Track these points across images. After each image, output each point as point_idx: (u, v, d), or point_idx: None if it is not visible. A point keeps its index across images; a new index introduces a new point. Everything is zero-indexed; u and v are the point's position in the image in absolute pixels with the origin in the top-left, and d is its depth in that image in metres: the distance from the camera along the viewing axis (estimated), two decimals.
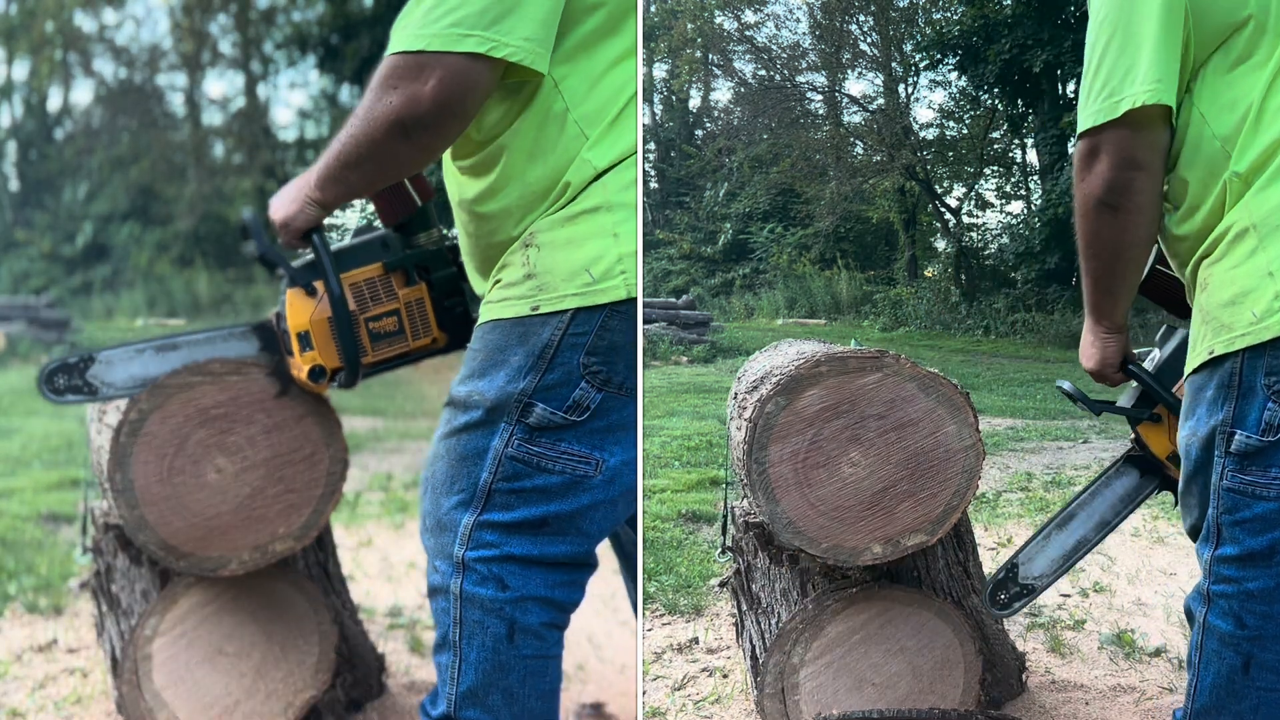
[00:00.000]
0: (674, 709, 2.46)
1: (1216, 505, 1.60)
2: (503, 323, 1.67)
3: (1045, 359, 7.42)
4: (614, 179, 1.64)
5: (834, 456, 1.95)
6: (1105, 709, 2.41)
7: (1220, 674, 1.64)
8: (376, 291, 1.94)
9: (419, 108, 1.55)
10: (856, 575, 2.15)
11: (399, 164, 1.67)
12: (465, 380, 1.71)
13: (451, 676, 1.72)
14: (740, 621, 2.47)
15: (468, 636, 1.70)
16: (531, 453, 1.66)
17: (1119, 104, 1.55)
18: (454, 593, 1.70)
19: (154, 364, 2.00)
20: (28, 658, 2.85)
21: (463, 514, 1.69)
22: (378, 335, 1.95)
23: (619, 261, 1.62)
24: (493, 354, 1.67)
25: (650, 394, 6.57)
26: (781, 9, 9.28)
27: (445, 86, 1.53)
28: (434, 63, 1.53)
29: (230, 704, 2.17)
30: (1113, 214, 1.61)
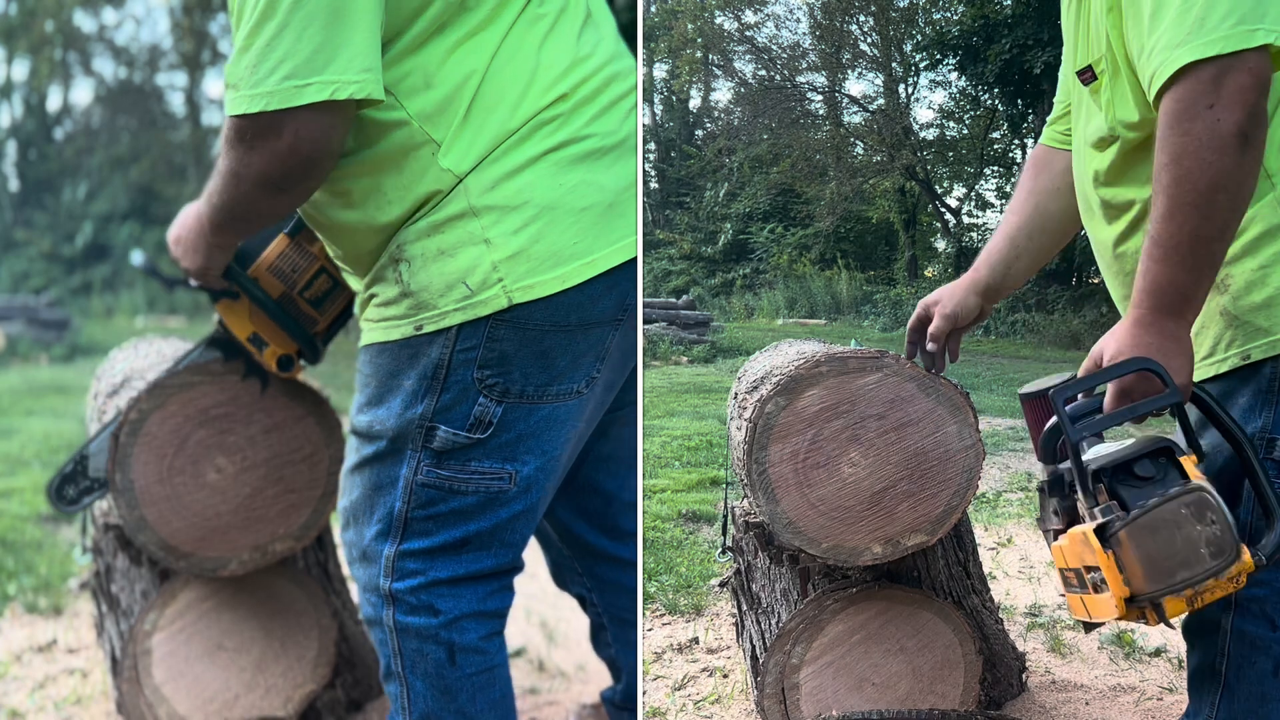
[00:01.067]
0: (674, 709, 2.46)
1: (1252, 512, 1.52)
2: (389, 345, 1.61)
3: (1045, 359, 7.41)
4: (475, 180, 1.54)
5: (834, 456, 1.95)
6: (1105, 709, 2.41)
7: (1252, 680, 1.58)
8: (294, 261, 1.90)
9: (285, 163, 1.48)
10: (856, 575, 2.15)
11: (278, 211, 1.62)
12: (364, 409, 1.66)
13: (403, 706, 1.71)
14: (740, 621, 2.48)
15: (410, 666, 1.69)
16: (441, 477, 1.62)
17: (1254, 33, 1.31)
18: (388, 625, 1.68)
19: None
20: (28, 658, 2.85)
21: (383, 544, 1.66)
22: (317, 300, 1.93)
23: (494, 269, 1.54)
24: (385, 380, 1.62)
25: (650, 394, 6.58)
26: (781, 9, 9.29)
27: (300, 138, 1.45)
28: (283, 120, 1.44)
29: (230, 698, 2.17)
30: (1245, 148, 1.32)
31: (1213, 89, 1.32)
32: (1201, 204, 1.34)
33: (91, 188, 13.67)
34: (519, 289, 1.54)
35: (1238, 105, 1.32)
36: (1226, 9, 1.32)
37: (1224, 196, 1.34)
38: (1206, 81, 1.32)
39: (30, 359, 9.65)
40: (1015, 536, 3.84)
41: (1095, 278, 8.09)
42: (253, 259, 1.90)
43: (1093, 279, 8.10)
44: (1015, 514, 4.13)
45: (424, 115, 1.54)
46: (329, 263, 1.90)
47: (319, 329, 1.95)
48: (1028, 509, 4.18)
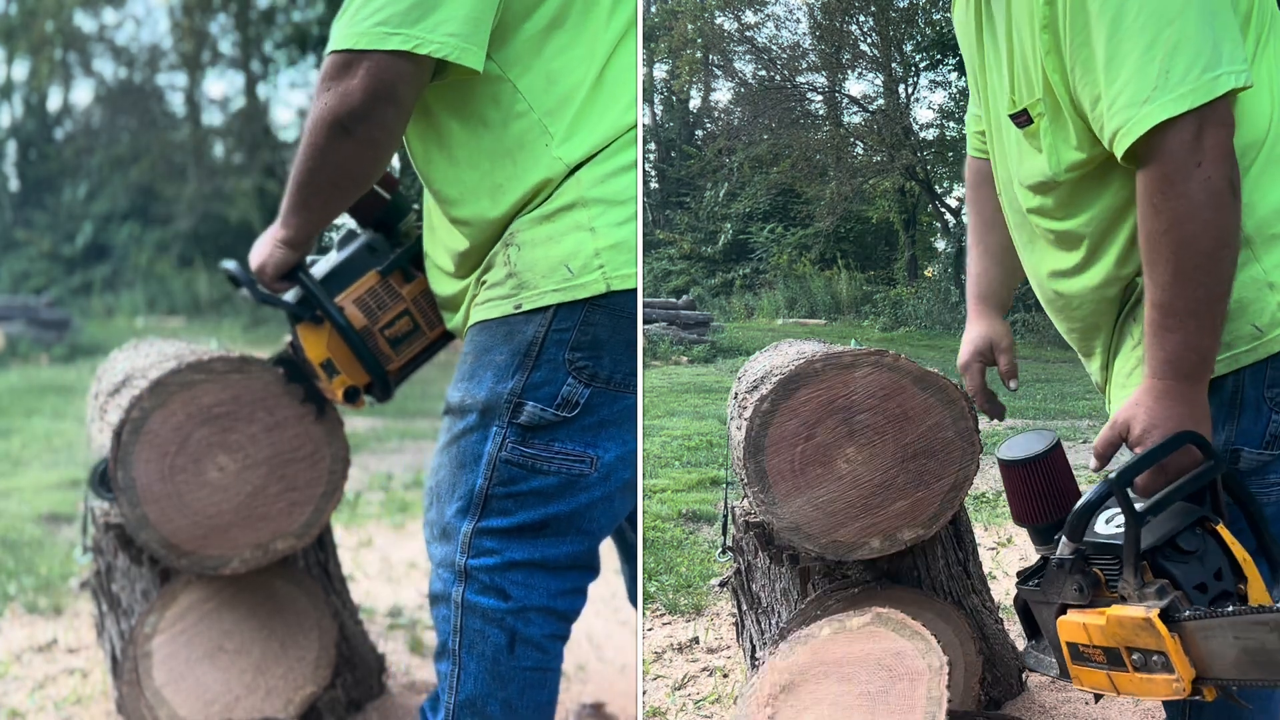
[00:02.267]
0: (674, 709, 2.47)
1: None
2: (489, 324, 1.68)
3: (1045, 359, 7.41)
4: (588, 173, 1.64)
5: (831, 453, 1.95)
6: (1105, 709, 2.41)
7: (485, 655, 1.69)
8: (381, 299, 1.94)
9: (351, 100, 1.57)
10: (857, 575, 2.15)
11: (349, 167, 1.67)
12: (457, 385, 1.71)
13: (450, 685, 1.71)
14: (740, 621, 2.48)
15: (467, 646, 1.70)
16: (525, 455, 1.66)
17: (1218, 80, 1.29)
18: (455, 601, 1.69)
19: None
20: (28, 658, 2.85)
21: (462, 521, 1.69)
22: (396, 340, 1.96)
23: (596, 256, 1.62)
24: (480, 355, 1.68)
25: (650, 394, 6.58)
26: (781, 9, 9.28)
27: (373, 77, 1.56)
28: (361, 59, 1.55)
29: (230, 700, 2.17)
30: (1236, 201, 1.33)
31: (1196, 146, 1.30)
32: (1209, 265, 1.33)
33: (91, 188, 13.67)
34: (618, 276, 1.63)
35: (1222, 159, 1.30)
36: (1190, 57, 1.29)
37: (1228, 251, 1.34)
38: (1189, 140, 1.30)
39: (30, 359, 9.65)
40: (1015, 536, 3.84)
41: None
42: (341, 289, 1.93)
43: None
44: None
45: (545, 109, 1.63)
46: (414, 306, 1.95)
47: (393, 368, 1.97)
48: None
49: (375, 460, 5.61)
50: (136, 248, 13.46)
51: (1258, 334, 1.43)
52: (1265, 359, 1.44)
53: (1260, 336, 1.43)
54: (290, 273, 1.85)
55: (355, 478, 4.63)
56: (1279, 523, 1.50)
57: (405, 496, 4.84)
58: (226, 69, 13.57)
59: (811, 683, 1.87)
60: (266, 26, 13.30)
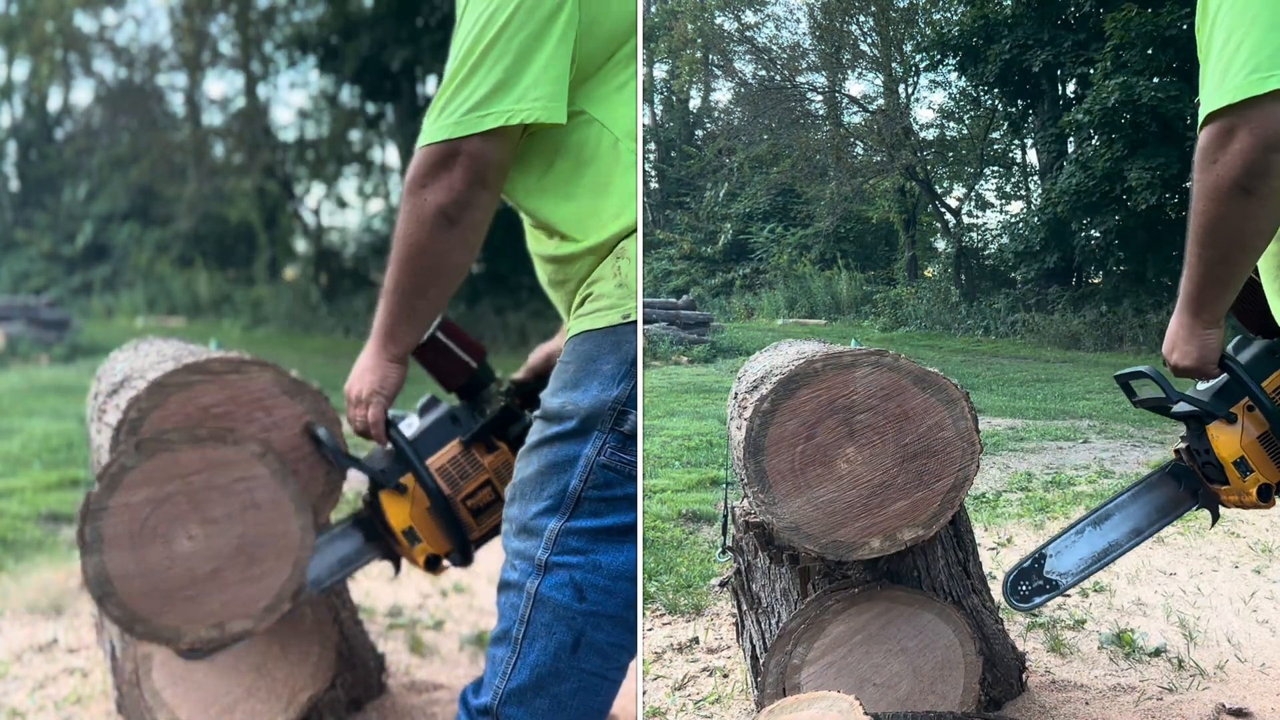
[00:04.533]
0: (674, 709, 2.46)
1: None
2: (594, 333, 1.69)
3: (1045, 359, 7.41)
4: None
5: (832, 453, 1.95)
6: (1105, 709, 2.41)
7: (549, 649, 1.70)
8: (464, 469, 1.96)
9: (455, 190, 1.63)
10: (857, 575, 2.15)
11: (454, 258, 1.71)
12: (558, 392, 1.71)
13: (504, 671, 1.71)
14: (740, 621, 2.48)
15: (531, 637, 1.70)
16: (624, 461, 1.67)
17: (1266, 80, 1.45)
18: (529, 591, 1.70)
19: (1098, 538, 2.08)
20: (28, 658, 2.85)
21: (550, 519, 1.70)
22: (477, 510, 1.98)
23: None
24: (584, 364, 1.68)
25: (650, 394, 6.58)
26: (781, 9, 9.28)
27: (472, 163, 1.62)
28: (459, 148, 1.61)
29: (230, 703, 2.17)
30: (1246, 199, 1.53)
31: (1218, 144, 1.51)
32: (1208, 239, 1.59)
33: (92, 188, 13.67)
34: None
35: (1236, 163, 1.50)
36: (1246, 56, 1.47)
37: (1228, 235, 1.58)
38: (1215, 135, 1.52)
39: (30, 359, 9.65)
40: (1015, 536, 3.84)
41: (1095, 278, 8.10)
42: (425, 456, 1.95)
43: (1092, 279, 8.10)
44: (1015, 514, 4.13)
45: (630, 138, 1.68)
46: (495, 477, 1.98)
47: (474, 536, 1.99)
48: (1028, 509, 4.18)
49: None
50: (136, 248, 13.47)
51: None
52: None
53: None
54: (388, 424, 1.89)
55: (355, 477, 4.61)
56: None
57: None
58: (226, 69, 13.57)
59: None
60: (266, 27, 13.31)
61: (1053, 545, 2.05)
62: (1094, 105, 7.25)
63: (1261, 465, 1.90)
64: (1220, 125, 1.51)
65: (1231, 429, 1.91)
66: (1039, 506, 4.21)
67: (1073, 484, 4.57)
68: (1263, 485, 1.90)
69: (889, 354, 1.97)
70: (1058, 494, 4.43)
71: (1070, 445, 5.32)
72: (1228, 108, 1.48)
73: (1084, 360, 7.30)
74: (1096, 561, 2.07)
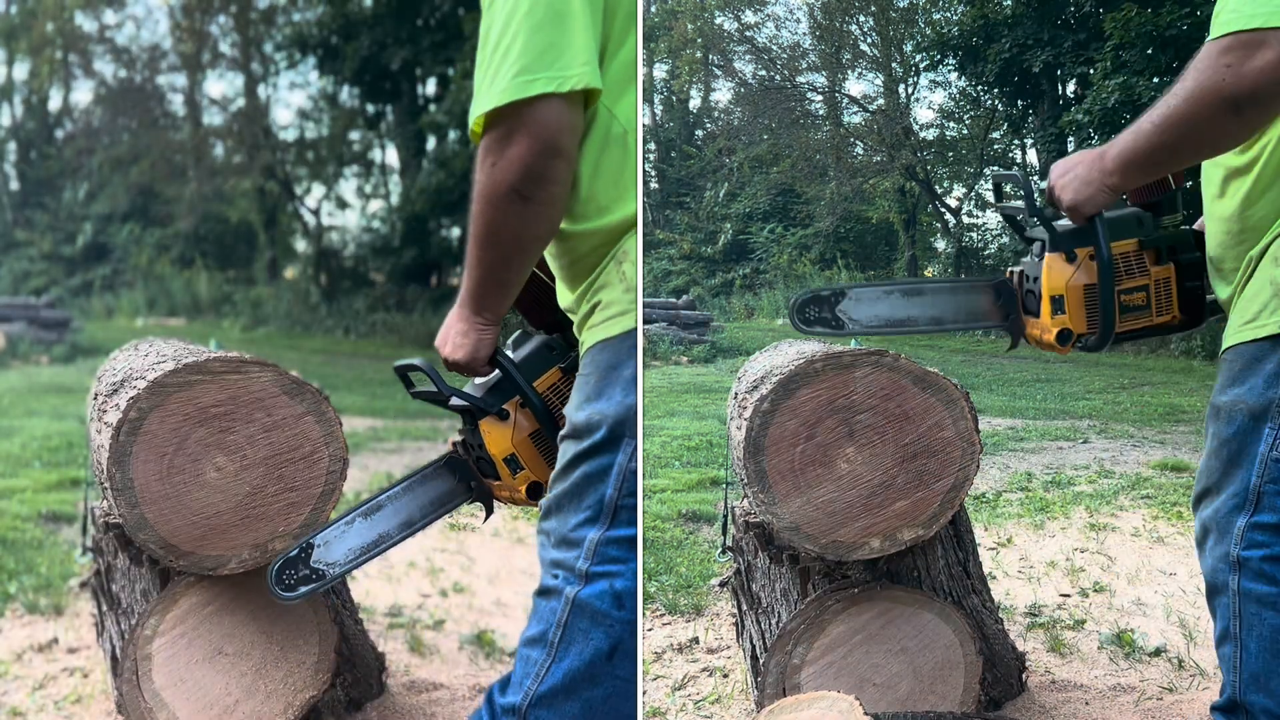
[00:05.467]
0: (674, 709, 2.46)
1: (1262, 474, 1.63)
2: (610, 342, 1.68)
3: (1045, 359, 7.41)
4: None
5: (832, 453, 1.95)
6: (1105, 709, 2.41)
7: (1264, 636, 1.66)
8: (564, 395, 1.92)
9: (525, 163, 1.57)
10: (857, 575, 2.15)
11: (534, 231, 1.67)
12: (583, 406, 1.70)
13: (537, 673, 1.71)
14: (740, 621, 2.48)
15: (567, 641, 1.70)
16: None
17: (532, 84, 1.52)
18: (568, 597, 1.69)
19: (900, 306, 2.02)
20: (28, 658, 2.85)
21: (589, 530, 1.69)
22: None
23: None
24: (606, 373, 1.68)
25: (650, 394, 6.58)
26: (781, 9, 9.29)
27: (532, 136, 1.56)
28: (514, 120, 1.56)
29: (230, 704, 2.17)
30: (523, 204, 1.59)
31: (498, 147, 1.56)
32: (486, 242, 1.65)
33: (92, 188, 13.68)
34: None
35: (515, 168, 1.55)
36: (515, 56, 1.53)
37: (503, 238, 1.64)
38: (496, 138, 1.56)
39: (30, 359, 9.65)
40: (1015, 536, 3.84)
41: None
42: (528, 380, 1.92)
43: None
44: (1015, 514, 4.13)
45: (635, 128, 1.66)
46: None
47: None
48: (1028, 509, 4.18)
49: (375, 460, 5.61)
50: (136, 248, 13.47)
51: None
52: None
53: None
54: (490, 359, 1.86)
55: (355, 478, 4.63)
56: None
57: None
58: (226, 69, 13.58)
59: None
60: (266, 27, 13.31)
61: (321, 535, 1.98)
62: (1094, 105, 7.26)
63: (532, 463, 1.91)
64: (499, 129, 1.55)
65: (503, 425, 1.91)
66: (1039, 506, 4.21)
67: (1073, 484, 4.57)
68: (533, 483, 1.90)
69: (889, 354, 1.97)
70: (1058, 494, 4.43)
71: (1070, 445, 5.32)
72: (503, 109, 1.53)
73: (1084, 360, 7.30)
74: (367, 552, 2.00)
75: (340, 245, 13.54)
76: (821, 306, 1.99)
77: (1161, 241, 1.96)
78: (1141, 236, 1.95)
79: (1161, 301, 1.96)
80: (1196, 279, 1.95)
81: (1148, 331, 1.99)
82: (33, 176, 13.91)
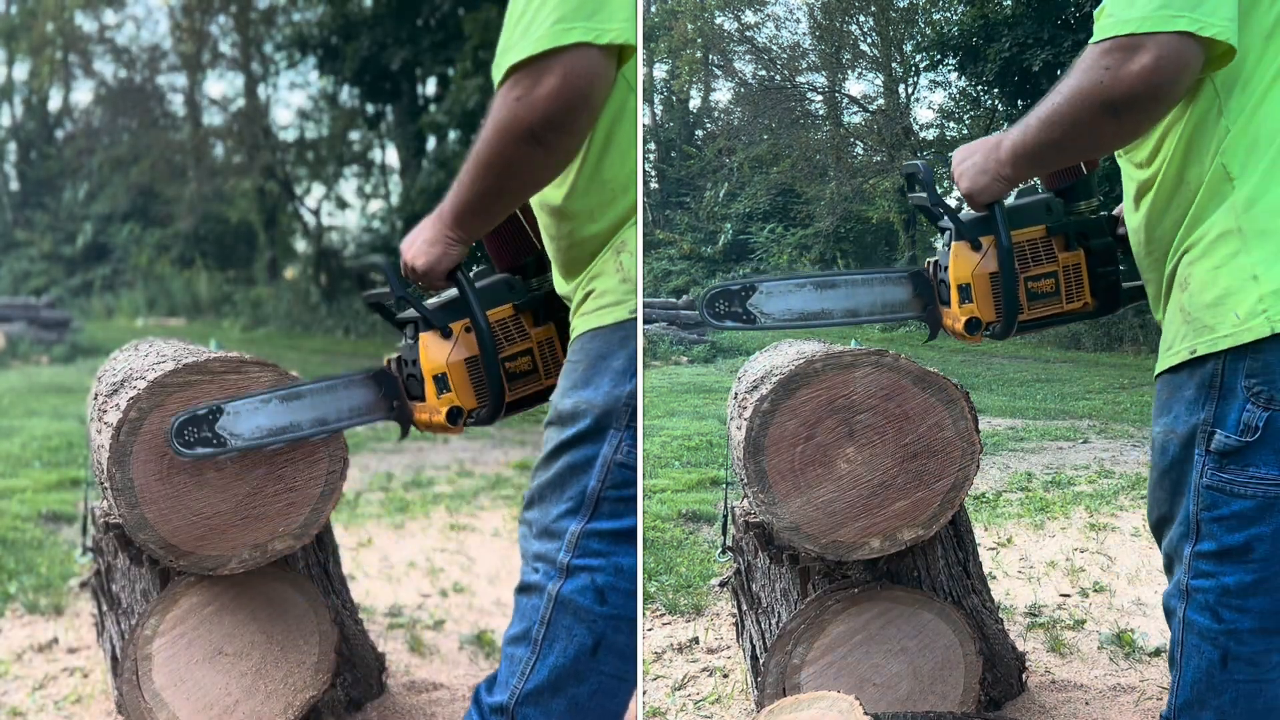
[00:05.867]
0: (674, 709, 2.46)
1: (1196, 502, 1.62)
2: (601, 331, 1.68)
3: (1045, 359, 7.41)
4: None
5: (831, 453, 1.95)
6: (1105, 709, 2.41)
7: (1200, 669, 1.65)
8: (509, 332, 1.94)
9: (548, 108, 1.54)
10: (857, 575, 2.15)
11: (537, 175, 1.65)
12: (569, 392, 1.70)
13: (523, 671, 1.71)
14: (740, 621, 2.48)
15: (551, 639, 1.70)
16: (633, 459, 1.67)
17: (570, 31, 1.51)
18: (550, 593, 1.70)
19: (282, 413, 1.98)
20: (28, 658, 2.85)
21: (570, 521, 1.69)
22: (514, 375, 1.96)
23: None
24: (595, 362, 1.67)
25: (650, 394, 6.57)
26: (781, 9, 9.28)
27: (565, 81, 1.53)
28: (550, 63, 1.53)
29: (230, 704, 2.17)
30: (535, 146, 1.57)
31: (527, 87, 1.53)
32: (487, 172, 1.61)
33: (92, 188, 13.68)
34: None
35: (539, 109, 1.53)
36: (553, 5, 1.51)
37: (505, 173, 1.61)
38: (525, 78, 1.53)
39: (30, 359, 9.65)
40: (1015, 536, 3.84)
41: None
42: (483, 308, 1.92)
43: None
44: (1015, 514, 4.13)
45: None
46: (539, 350, 1.96)
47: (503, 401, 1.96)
48: (1028, 509, 4.18)
49: (375, 460, 5.61)
50: (136, 248, 13.47)
51: (1237, 321, 1.52)
52: (1244, 346, 1.53)
53: (1240, 324, 1.52)
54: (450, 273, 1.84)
55: (355, 478, 4.63)
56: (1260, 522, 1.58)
57: (405, 496, 4.84)
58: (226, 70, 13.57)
59: None
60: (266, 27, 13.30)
61: (234, 404, 1.96)
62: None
63: (460, 387, 1.90)
64: (530, 72, 1.53)
65: (443, 342, 1.90)
66: (1039, 506, 4.20)
67: (1073, 484, 4.57)
68: (454, 408, 1.90)
69: (889, 354, 1.97)
70: (1058, 494, 4.43)
71: (1070, 445, 5.32)
72: (536, 56, 1.51)
73: (1084, 360, 7.30)
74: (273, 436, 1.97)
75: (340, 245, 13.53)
76: (731, 301, 1.96)
77: (1070, 228, 1.94)
78: (1049, 223, 1.93)
79: (1072, 288, 1.95)
80: (1110, 264, 1.93)
81: (1060, 319, 1.97)
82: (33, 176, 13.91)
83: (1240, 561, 1.60)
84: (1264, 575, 1.59)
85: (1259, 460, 1.55)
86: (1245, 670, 1.62)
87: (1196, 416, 1.59)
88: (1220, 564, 1.61)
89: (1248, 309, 1.51)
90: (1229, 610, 1.61)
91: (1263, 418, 1.54)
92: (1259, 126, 1.53)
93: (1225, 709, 1.63)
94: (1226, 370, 1.55)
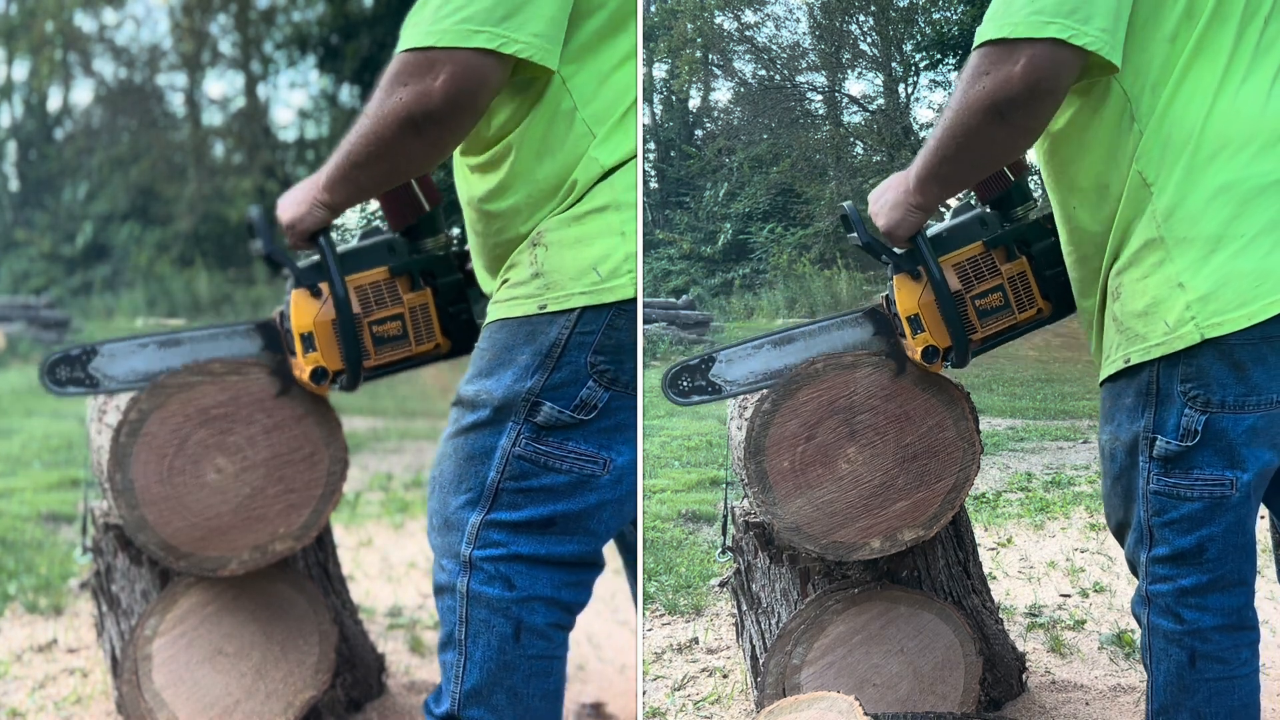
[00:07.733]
0: (674, 709, 2.47)
1: (1146, 509, 1.64)
2: (510, 322, 1.68)
3: (1045, 359, 7.41)
4: (620, 178, 1.65)
5: (832, 454, 1.95)
6: (1105, 709, 2.41)
7: (1170, 671, 1.66)
8: (381, 295, 1.94)
9: (429, 102, 1.55)
10: (857, 575, 2.15)
11: (410, 161, 1.66)
12: (472, 380, 1.71)
13: (456, 675, 1.72)
14: (740, 621, 2.48)
15: (473, 635, 1.70)
16: (539, 452, 1.66)
17: (1047, 25, 1.45)
18: (460, 591, 1.70)
19: (156, 359, 2.00)
20: (28, 658, 2.85)
21: (470, 513, 1.69)
22: (381, 339, 1.95)
23: (625, 260, 1.63)
24: (500, 353, 1.68)
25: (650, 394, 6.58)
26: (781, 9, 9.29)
27: (455, 81, 1.53)
28: (444, 58, 1.53)
29: (230, 704, 2.17)
30: (999, 122, 1.54)
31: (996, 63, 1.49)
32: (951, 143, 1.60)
33: (92, 188, 13.67)
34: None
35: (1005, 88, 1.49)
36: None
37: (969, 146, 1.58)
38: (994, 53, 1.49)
39: (30, 359, 9.65)
40: (1015, 536, 3.84)
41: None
42: (350, 271, 1.92)
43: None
44: (1015, 514, 4.13)
45: (592, 110, 1.64)
46: (409, 316, 1.96)
47: (368, 364, 1.96)
48: (1028, 509, 4.18)
49: (375, 460, 5.61)
50: (136, 248, 13.46)
51: (1168, 330, 1.54)
52: (1177, 354, 1.54)
53: (1170, 333, 1.54)
54: (313, 235, 1.84)
55: (355, 478, 4.63)
56: (1210, 522, 1.59)
57: (405, 496, 4.84)
58: (226, 69, 13.57)
59: None
60: (266, 27, 13.30)
61: (109, 346, 1.96)
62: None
63: (325, 348, 1.91)
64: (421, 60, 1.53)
65: (312, 301, 1.90)
66: (1039, 506, 4.21)
67: (1073, 484, 4.57)
68: (318, 368, 1.91)
69: None
70: (1058, 494, 4.43)
71: (1070, 445, 5.32)
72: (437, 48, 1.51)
73: (1084, 360, 7.29)
74: (763, 380, 1.98)
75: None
76: (694, 375, 1.97)
77: (1008, 237, 1.94)
78: (985, 238, 1.93)
79: (1021, 297, 1.95)
80: (1057, 265, 1.91)
81: (1017, 330, 1.98)
82: (33, 176, 13.91)
83: (1195, 564, 1.62)
84: (1219, 573, 1.62)
85: (1202, 462, 1.57)
86: (1214, 668, 1.63)
87: (1138, 424, 1.61)
88: (1176, 567, 1.63)
89: (1176, 317, 1.53)
90: (1189, 610, 1.63)
91: (1201, 421, 1.56)
92: (1170, 130, 1.54)
93: (1200, 708, 1.64)
94: (1162, 377, 1.57)
